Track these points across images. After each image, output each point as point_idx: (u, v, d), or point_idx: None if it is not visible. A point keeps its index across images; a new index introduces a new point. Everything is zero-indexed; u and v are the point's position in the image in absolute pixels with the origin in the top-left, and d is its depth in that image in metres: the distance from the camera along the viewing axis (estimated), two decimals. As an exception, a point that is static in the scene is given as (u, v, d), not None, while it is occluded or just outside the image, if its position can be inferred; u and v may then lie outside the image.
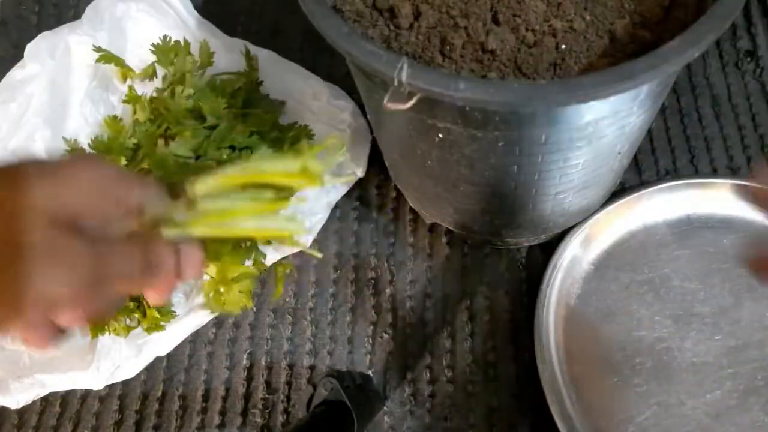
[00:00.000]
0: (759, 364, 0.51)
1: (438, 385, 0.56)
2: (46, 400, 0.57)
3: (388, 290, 0.60)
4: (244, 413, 0.56)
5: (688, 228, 0.57)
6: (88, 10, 0.66)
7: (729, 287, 0.54)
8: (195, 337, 0.59)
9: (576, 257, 0.56)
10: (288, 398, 0.56)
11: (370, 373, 0.56)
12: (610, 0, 0.35)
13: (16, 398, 0.55)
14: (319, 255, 0.60)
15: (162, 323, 0.54)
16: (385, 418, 0.55)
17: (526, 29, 0.34)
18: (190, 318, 0.57)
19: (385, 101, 0.30)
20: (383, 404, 0.55)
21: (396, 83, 0.29)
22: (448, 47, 0.34)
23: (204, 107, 0.57)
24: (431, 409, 0.55)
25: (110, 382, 0.55)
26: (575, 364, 0.52)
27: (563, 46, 0.34)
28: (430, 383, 0.56)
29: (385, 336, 0.58)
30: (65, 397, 0.58)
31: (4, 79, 0.65)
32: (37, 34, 0.65)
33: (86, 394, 0.58)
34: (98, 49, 0.62)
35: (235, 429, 0.56)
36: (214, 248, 0.53)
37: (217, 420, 0.56)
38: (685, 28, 0.31)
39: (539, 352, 0.52)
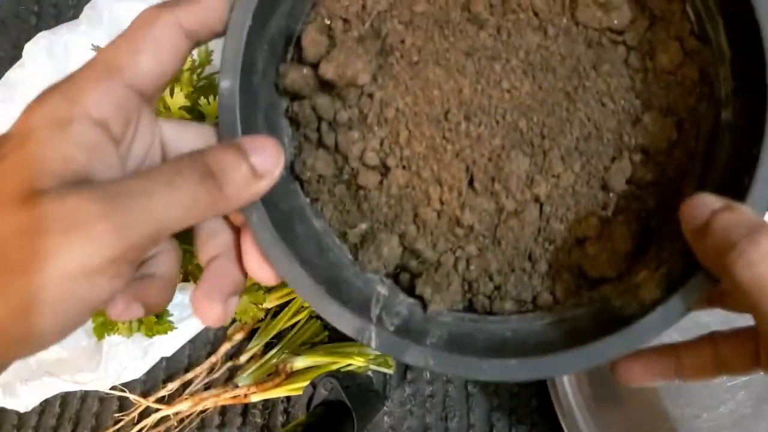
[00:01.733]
0: (770, 371, 0.50)
1: (438, 385, 0.55)
2: (45, 400, 0.57)
3: (388, 290, 0.60)
4: (244, 413, 0.56)
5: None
6: (87, 9, 0.66)
7: (733, 294, 0.53)
8: (195, 338, 0.59)
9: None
10: (288, 398, 0.56)
11: (369, 373, 0.56)
12: (608, 132, 0.30)
13: (25, 401, 0.55)
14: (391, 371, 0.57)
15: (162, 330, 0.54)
16: (385, 418, 0.55)
17: (507, 196, 0.31)
18: (193, 320, 0.57)
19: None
20: (383, 404, 0.55)
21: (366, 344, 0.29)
22: (421, 221, 0.31)
23: (203, 105, 0.57)
24: (431, 409, 0.55)
25: (116, 383, 0.55)
26: (586, 384, 0.51)
27: (548, 209, 0.31)
28: (430, 383, 0.56)
29: (385, 336, 0.58)
30: (65, 397, 0.58)
31: (2, 79, 0.64)
32: (36, 34, 0.65)
33: (86, 394, 0.58)
34: (97, 49, 0.62)
35: (235, 429, 0.55)
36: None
37: (217, 420, 0.56)
38: (693, 158, 0.29)
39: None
